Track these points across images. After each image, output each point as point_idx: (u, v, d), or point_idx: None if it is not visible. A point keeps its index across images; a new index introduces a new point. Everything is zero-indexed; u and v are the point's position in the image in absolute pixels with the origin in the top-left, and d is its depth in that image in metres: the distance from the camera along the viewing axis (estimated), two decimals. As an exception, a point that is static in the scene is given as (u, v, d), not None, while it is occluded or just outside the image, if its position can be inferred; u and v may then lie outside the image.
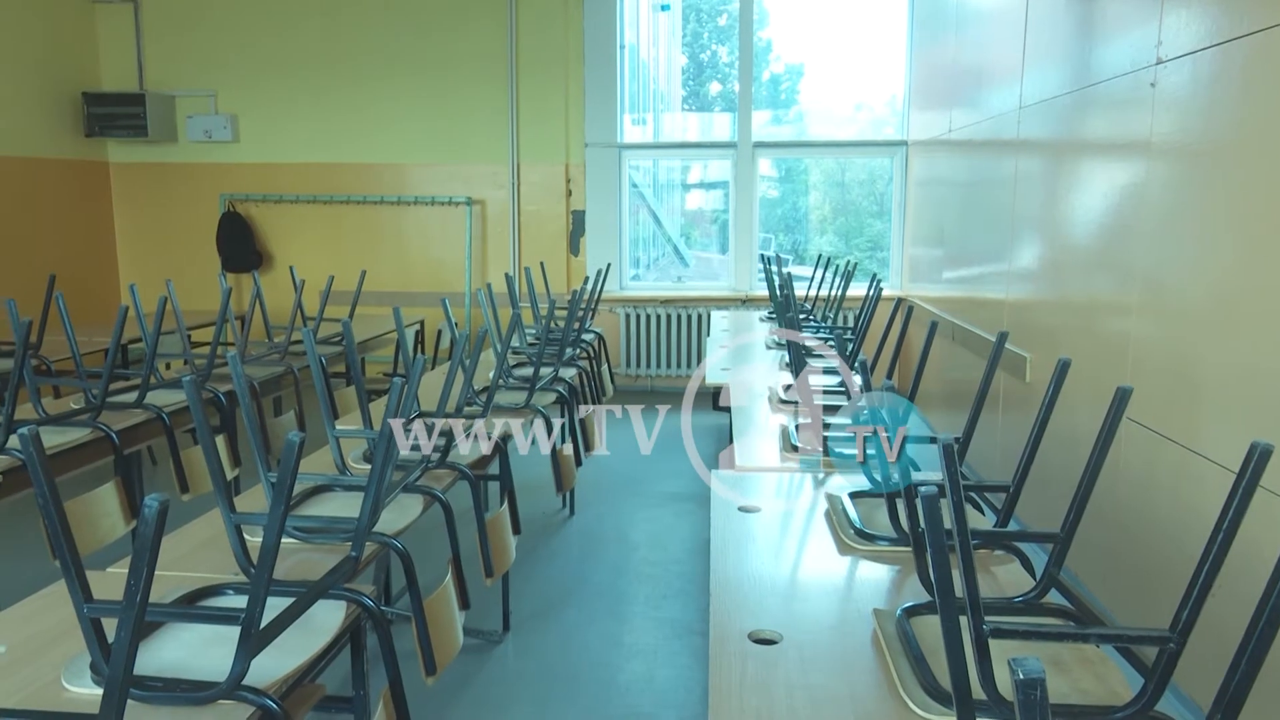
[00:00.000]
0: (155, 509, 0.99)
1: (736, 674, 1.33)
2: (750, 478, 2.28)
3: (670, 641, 3.06)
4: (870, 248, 7.47)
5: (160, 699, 1.29)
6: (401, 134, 6.94)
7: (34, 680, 1.39)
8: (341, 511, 2.09)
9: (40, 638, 1.53)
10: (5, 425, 2.52)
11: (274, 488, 1.31)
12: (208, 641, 1.49)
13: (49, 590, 1.71)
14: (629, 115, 7.17)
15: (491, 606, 3.15)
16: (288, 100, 6.96)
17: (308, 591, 1.48)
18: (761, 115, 7.13)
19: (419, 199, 6.98)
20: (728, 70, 7.74)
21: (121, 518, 2.66)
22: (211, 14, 6.91)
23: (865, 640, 1.43)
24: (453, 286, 7.00)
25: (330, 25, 6.86)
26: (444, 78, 6.83)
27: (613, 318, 6.87)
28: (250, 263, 7.01)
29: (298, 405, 3.89)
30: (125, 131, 6.80)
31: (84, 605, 1.24)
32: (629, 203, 7.11)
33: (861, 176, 7.68)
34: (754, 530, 1.92)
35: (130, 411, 3.11)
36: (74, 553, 1.22)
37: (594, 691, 2.76)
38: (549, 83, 6.77)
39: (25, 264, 6.20)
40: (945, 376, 5.35)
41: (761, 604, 1.57)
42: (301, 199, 7.04)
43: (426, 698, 2.64)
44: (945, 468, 1.12)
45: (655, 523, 4.20)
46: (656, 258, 8.00)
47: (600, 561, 3.75)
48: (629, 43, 7.14)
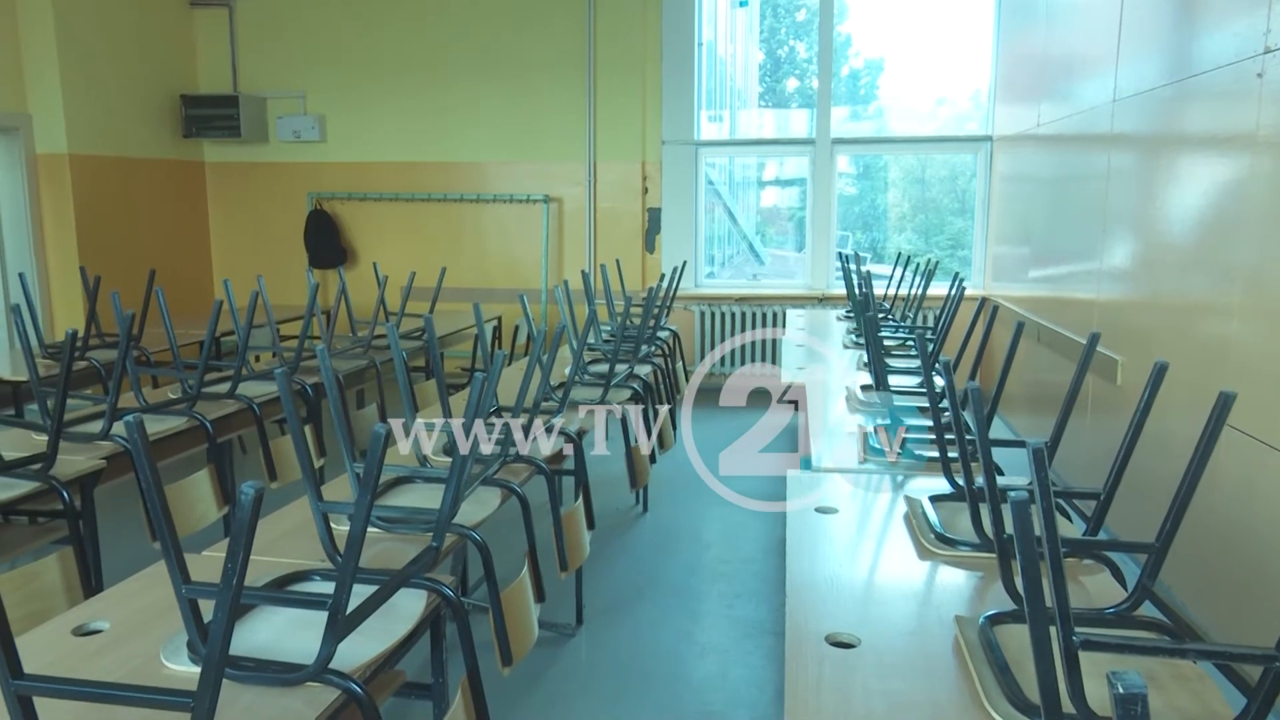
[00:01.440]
0: (251, 496, 1.02)
1: (813, 676, 1.31)
2: (827, 478, 2.25)
3: (743, 641, 3.05)
4: (951, 246, 7.30)
5: (252, 679, 1.34)
6: (481, 133, 7.06)
7: (135, 656, 1.45)
8: (421, 502, 2.13)
9: (140, 616, 1.60)
10: (109, 413, 2.65)
11: (360, 478, 1.34)
12: (295, 625, 1.54)
13: (148, 571, 1.79)
14: (706, 112, 7.15)
15: (565, 600, 3.18)
16: (373, 101, 7.14)
17: (391, 580, 1.52)
18: (840, 111, 7.03)
19: (498, 197, 7.08)
20: (806, 66, 7.65)
21: (214, 504, 2.77)
22: (301, 18, 7.13)
23: (946, 647, 1.40)
24: (529, 283, 7.09)
25: (414, 29, 7.01)
26: (524, 78, 6.92)
27: (687, 315, 6.86)
28: (336, 259, 7.22)
29: (379, 398, 3.99)
30: (220, 132, 7.07)
31: (182, 587, 1.29)
32: (704, 200, 7.09)
33: (942, 173, 7.50)
34: (831, 531, 1.89)
35: (223, 402, 3.23)
36: (174, 536, 1.28)
37: (666, 688, 2.76)
38: (627, 81, 6.79)
39: (127, 258, 6.51)
40: (1029, 378, 5.20)
41: (839, 606, 1.54)
42: (385, 197, 7.22)
43: (501, 688, 2.67)
44: (1035, 473, 1.09)
45: (728, 521, 4.19)
46: (731, 255, 7.96)
47: (673, 558, 3.75)
48: (707, 39, 7.11)
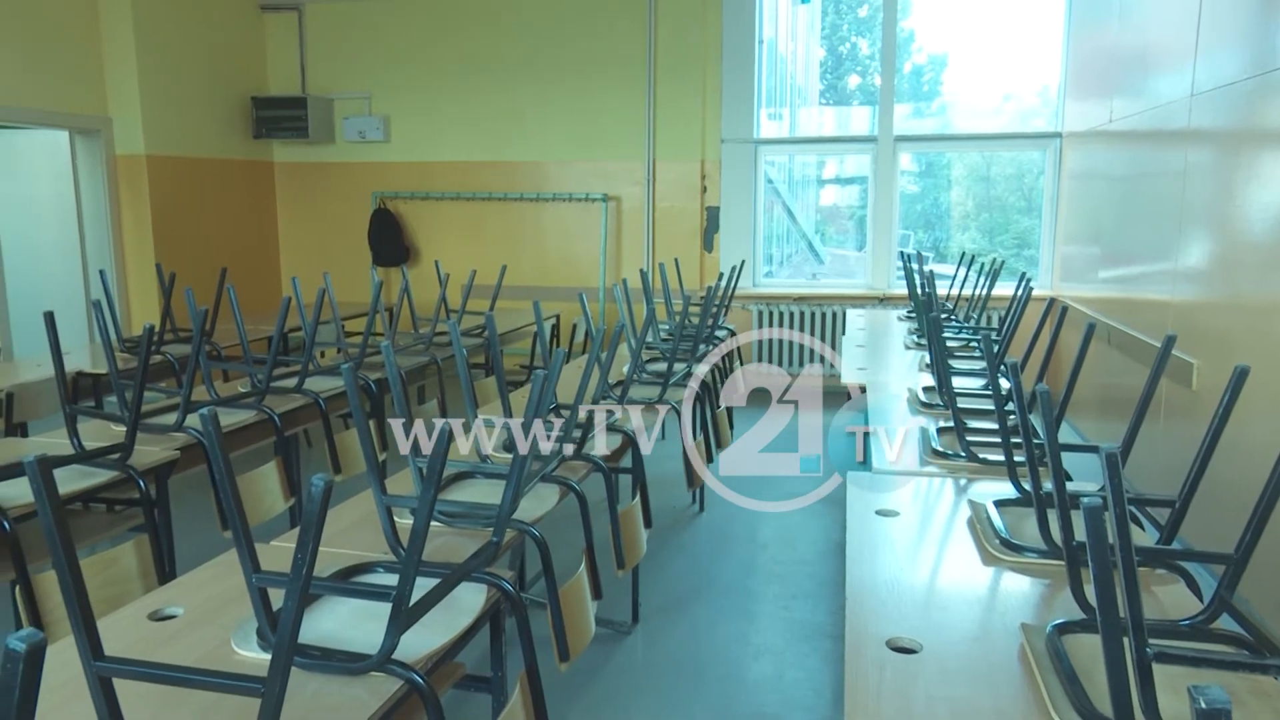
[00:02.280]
0: (321, 488, 1.05)
1: (873, 680, 1.29)
2: (888, 480, 2.22)
3: (799, 643, 3.02)
4: (1016, 245, 7.14)
5: (318, 667, 1.37)
6: (542, 132, 7.11)
7: (207, 641, 1.50)
8: (481, 498, 2.16)
9: (212, 602, 1.65)
10: (183, 406, 2.74)
11: (424, 473, 1.37)
12: (359, 615, 1.57)
13: (219, 560, 1.85)
14: (765, 110, 7.10)
15: (621, 598, 3.19)
16: (436, 102, 7.25)
17: (452, 573, 1.54)
18: (902, 108, 6.92)
19: (557, 196, 7.13)
20: (868, 63, 7.55)
21: (281, 496, 2.84)
22: (368, 21, 7.27)
23: (1011, 655, 1.37)
24: (588, 282, 7.12)
25: (477, 31, 7.10)
26: (584, 78, 6.95)
27: (745, 315, 6.82)
28: (398, 257, 7.35)
29: (440, 394, 4.05)
30: (288, 133, 7.25)
31: (253, 575, 1.33)
32: (763, 199, 7.04)
33: (1009, 170, 7.34)
34: (892, 535, 1.86)
35: (290, 396, 3.32)
36: (245, 527, 1.32)
37: (721, 687, 2.76)
38: (686, 79, 6.79)
39: (200, 255, 6.71)
40: (1097, 381, 5.06)
41: (900, 611, 1.52)
42: (446, 196, 7.32)
43: (558, 683, 2.69)
44: (1109, 479, 1.06)
45: (785, 522, 4.15)
46: (790, 254, 7.90)
47: (729, 558, 3.73)
48: (767, 37, 7.07)
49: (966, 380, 3.25)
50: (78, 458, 2.44)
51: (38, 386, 3.68)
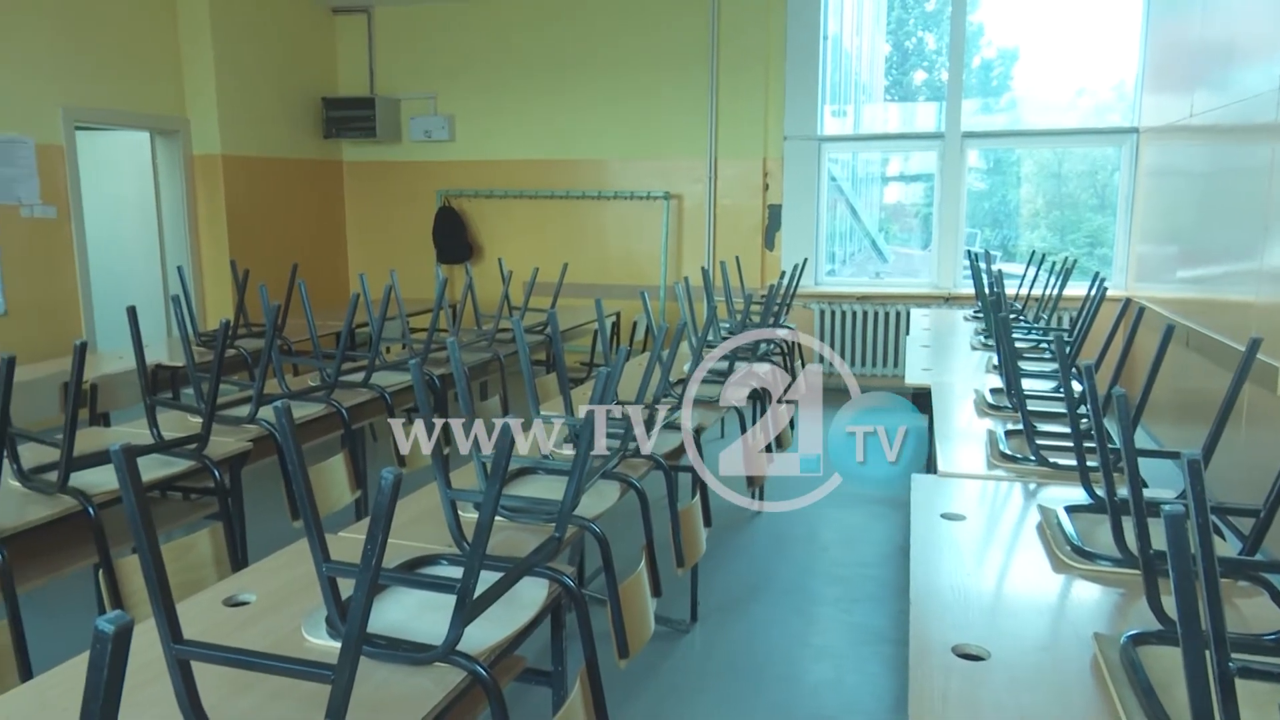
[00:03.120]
0: (391, 480, 1.07)
1: (939, 687, 1.27)
2: (953, 484, 2.18)
3: (859, 647, 2.99)
4: (1088, 244, 6.94)
5: (384, 656, 1.40)
6: (604, 131, 7.15)
7: (279, 628, 1.54)
8: (542, 493, 2.18)
9: (283, 590, 1.69)
10: (256, 398, 2.82)
11: (489, 468, 1.38)
12: (423, 606, 1.60)
13: (290, 549, 1.90)
14: (829, 107, 7.02)
15: (680, 596, 3.19)
16: (500, 101, 7.33)
17: (515, 567, 1.56)
18: (970, 104, 6.77)
19: (619, 193, 7.15)
20: (934, 58, 7.41)
21: (348, 487, 2.90)
22: (434, 23, 7.38)
23: (1083, 666, 1.33)
24: (649, 280, 7.13)
25: (541, 31, 7.16)
26: (647, 76, 6.96)
27: (807, 314, 6.76)
28: (462, 254, 7.46)
29: (502, 389, 4.10)
30: (357, 133, 7.41)
31: (323, 565, 1.36)
32: (826, 196, 6.97)
33: (1081, 167, 7.13)
34: (958, 539, 1.83)
35: (357, 390, 3.39)
36: (316, 518, 1.35)
37: (780, 689, 2.74)
38: (749, 77, 6.75)
39: (271, 252, 6.90)
40: (1174, 385, 4.89)
41: (966, 617, 1.49)
42: (509, 194, 7.40)
43: (617, 679, 2.71)
44: (1190, 485, 1.02)
45: (846, 523, 4.11)
46: (853, 253, 7.80)
47: (788, 559, 3.71)
48: (832, 32, 6.98)
49: (1036, 382, 3.17)
50: (157, 447, 2.53)
51: (119, 378, 3.82)
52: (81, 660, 1.44)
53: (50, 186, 5.49)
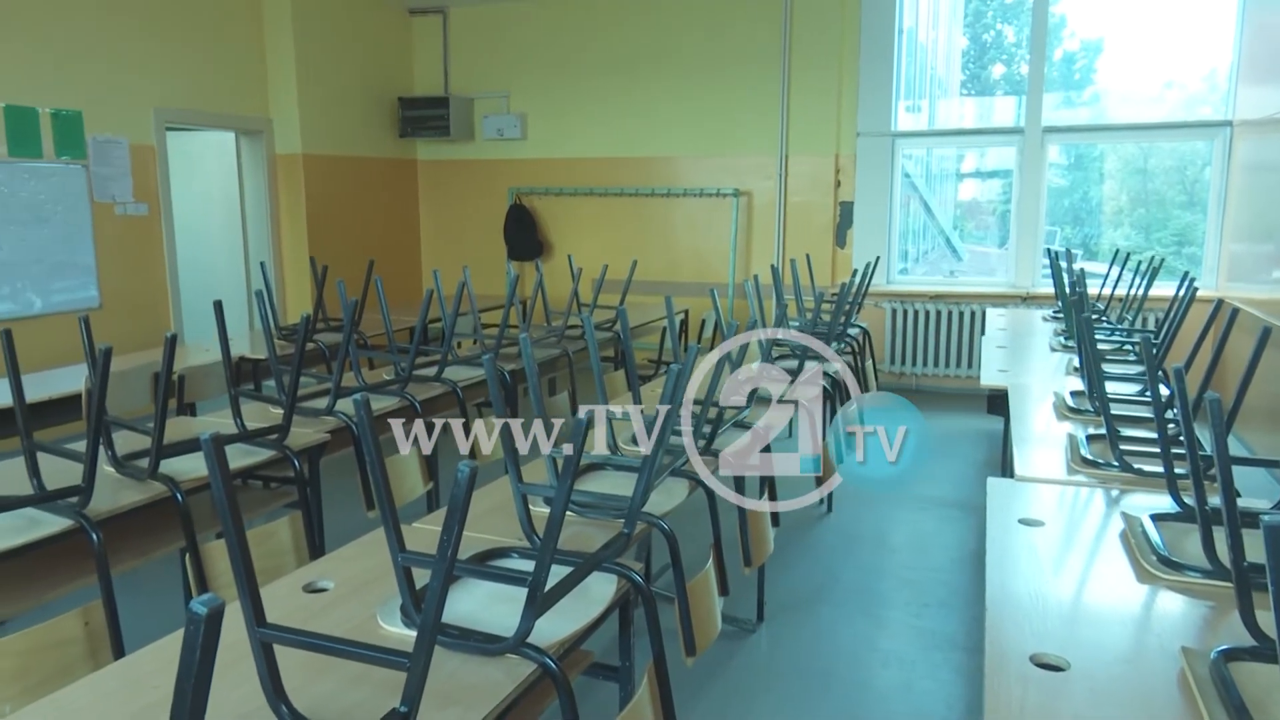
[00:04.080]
0: (467, 474, 1.09)
1: (1016, 697, 1.24)
2: (1031, 489, 2.12)
3: (930, 653, 2.93)
4: (1176, 242, 6.67)
5: (457, 646, 1.43)
6: (674, 128, 7.14)
7: (355, 615, 1.58)
8: (611, 489, 2.19)
9: (359, 578, 1.74)
10: (334, 391, 2.89)
11: (562, 464, 1.40)
12: (493, 598, 1.62)
13: (365, 538, 1.94)
14: (903, 102, 6.89)
15: (747, 596, 3.17)
16: (571, 100, 7.39)
17: (584, 562, 1.57)
18: (1051, 97, 6.57)
19: (688, 191, 7.14)
20: (1013, 51, 7.21)
21: (420, 480, 2.96)
22: (507, 23, 7.47)
23: (1169, 680, 1.29)
24: (717, 277, 7.11)
25: (613, 30, 7.19)
26: (718, 73, 6.94)
27: (878, 312, 6.65)
28: (533, 251, 7.54)
29: (570, 385, 4.13)
30: (431, 132, 7.55)
31: (399, 555, 1.39)
32: (900, 193, 6.84)
33: (1169, 162, 6.86)
34: (1036, 545, 1.78)
35: (430, 384, 3.45)
36: (393, 509, 1.38)
37: (847, 692, 2.70)
38: (822, 72, 6.67)
39: (348, 248, 7.08)
40: (1270, 390, 4.67)
41: (1045, 625, 1.45)
42: (580, 191, 7.46)
43: (683, 677, 2.71)
44: (1290, 496, 0.97)
45: (917, 527, 4.03)
46: (926, 251, 7.64)
47: (857, 562, 3.65)
48: (907, 26, 6.85)
49: (1119, 386, 3.07)
50: (241, 437, 2.62)
51: (205, 370, 3.97)
52: (169, 640, 1.50)
53: (142, 185, 5.73)
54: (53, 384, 3.52)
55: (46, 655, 1.65)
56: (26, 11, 5.01)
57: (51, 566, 2.20)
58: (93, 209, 5.42)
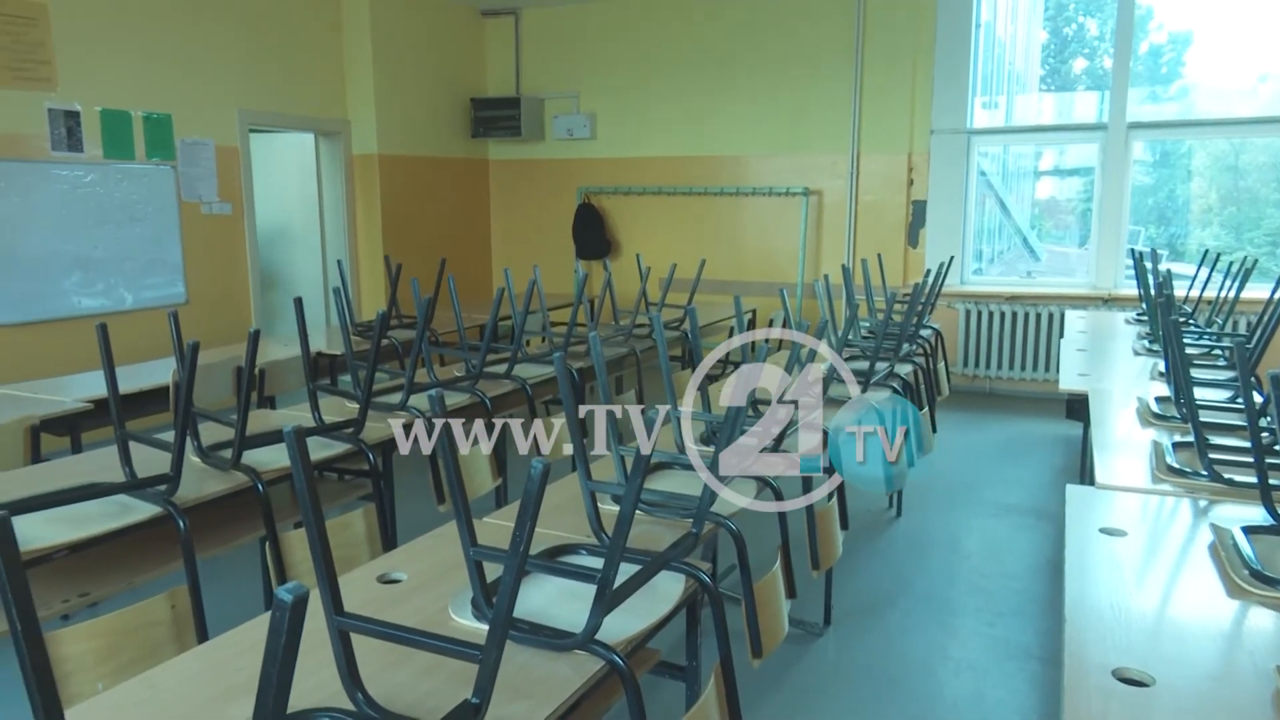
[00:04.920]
0: (540, 470, 1.10)
1: (1097, 711, 1.20)
2: (1113, 497, 2.05)
3: (1004, 662, 2.86)
4: (1270, 243, 6.38)
5: (527, 640, 1.44)
6: (744, 127, 7.10)
7: (427, 607, 1.61)
8: (679, 488, 2.18)
9: (431, 571, 1.77)
10: (407, 387, 2.95)
11: (630, 463, 1.40)
12: (561, 594, 1.64)
13: (438, 531, 1.98)
14: (979, 99, 6.73)
15: (814, 599, 3.14)
16: (640, 99, 7.41)
17: (653, 561, 1.57)
18: (1136, 92, 6.34)
19: (757, 190, 7.10)
20: (1096, 44, 6.98)
21: (489, 475, 3.00)
22: (578, 22, 7.53)
23: (1263, 700, 1.23)
24: (786, 277, 7.05)
25: (682, 29, 7.18)
26: (789, 72, 6.88)
27: (951, 314, 6.51)
28: (601, 250, 7.58)
29: (638, 384, 4.14)
30: (503, 132, 7.65)
31: (471, 549, 1.41)
32: (975, 192, 6.69)
33: (1262, 159, 6.56)
34: (1118, 556, 1.72)
35: (500, 381, 3.50)
36: (465, 503, 1.40)
37: (916, 700, 2.65)
38: (896, 69, 6.55)
39: (421, 247, 7.22)
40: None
41: (1128, 639, 1.40)
42: (648, 190, 7.47)
43: (749, 678, 2.69)
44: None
45: (990, 534, 3.94)
46: (1002, 251, 7.46)
47: (927, 568, 3.59)
48: (984, 20, 6.69)
49: (1208, 392, 2.95)
50: (319, 430, 2.69)
51: (283, 364, 4.09)
52: (250, 625, 1.55)
53: (226, 185, 5.93)
54: (142, 377, 3.67)
55: (135, 636, 1.72)
56: (120, 21, 5.23)
57: (141, 551, 2.29)
58: (180, 208, 5.64)
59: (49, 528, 2.01)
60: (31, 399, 3.25)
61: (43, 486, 2.22)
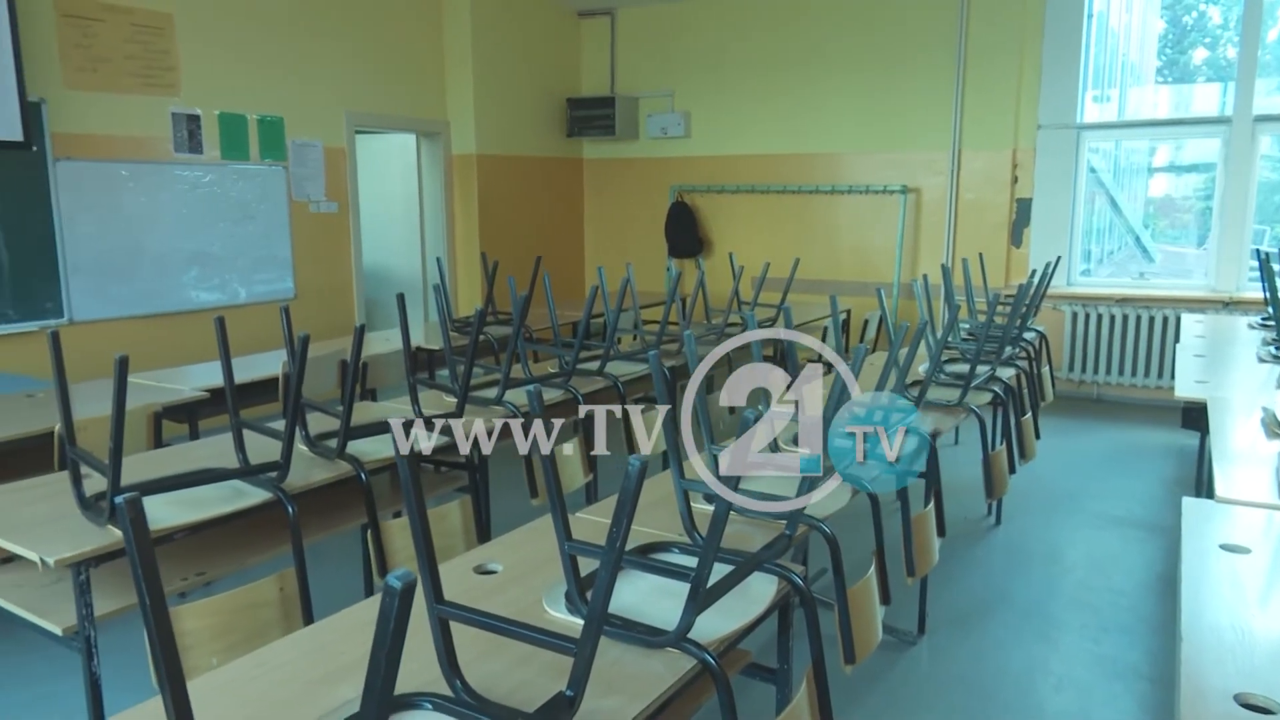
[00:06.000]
0: (638, 467, 1.10)
1: (1217, 738, 1.14)
2: (1234, 511, 1.94)
3: (1109, 681, 2.74)
4: None
5: (620, 636, 1.45)
6: (840, 124, 6.99)
7: (522, 599, 1.64)
8: (771, 489, 2.16)
9: (526, 563, 1.80)
10: (503, 382, 3.01)
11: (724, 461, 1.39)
12: (653, 591, 1.64)
13: (532, 525, 2.01)
14: (1090, 92, 6.45)
15: (908, 606, 3.07)
16: (734, 97, 7.36)
17: (746, 561, 1.56)
18: (1264, 83, 5.97)
19: (853, 188, 6.97)
20: (1219, 33, 6.61)
21: (580, 470, 3.04)
22: (673, 21, 7.53)
23: (1405, 734, 1.15)
24: (881, 277, 6.90)
25: (777, 26, 7.11)
26: (887, 68, 6.73)
27: (1057, 316, 6.27)
28: (693, 249, 7.57)
29: (729, 384, 4.12)
30: (597, 131, 7.71)
31: (566, 543, 1.43)
32: (1084, 189, 6.41)
33: (1407, 154, 6.10)
34: (1240, 574, 1.63)
35: (592, 378, 3.53)
36: (561, 498, 1.42)
37: (1015, 715, 2.56)
38: (1000, 62, 6.34)
39: (517, 245, 7.34)
40: None
41: (1251, 663, 1.33)
42: (741, 189, 7.42)
43: (841, 684, 2.65)
44: None
45: (1095, 546, 3.78)
46: (1112, 250, 7.13)
47: (1027, 579, 3.46)
48: (1097, 10, 6.41)
49: (1342, 402, 2.77)
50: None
51: (384, 358, 4.22)
52: (355, 609, 1.60)
53: (334, 184, 6.15)
54: (254, 368, 3.85)
55: (246, 615, 1.81)
56: (237, 29, 5.49)
57: (251, 535, 2.40)
58: (290, 207, 5.87)
59: (169, 509, 2.12)
60: (155, 387, 3.44)
61: (164, 470, 2.35)
